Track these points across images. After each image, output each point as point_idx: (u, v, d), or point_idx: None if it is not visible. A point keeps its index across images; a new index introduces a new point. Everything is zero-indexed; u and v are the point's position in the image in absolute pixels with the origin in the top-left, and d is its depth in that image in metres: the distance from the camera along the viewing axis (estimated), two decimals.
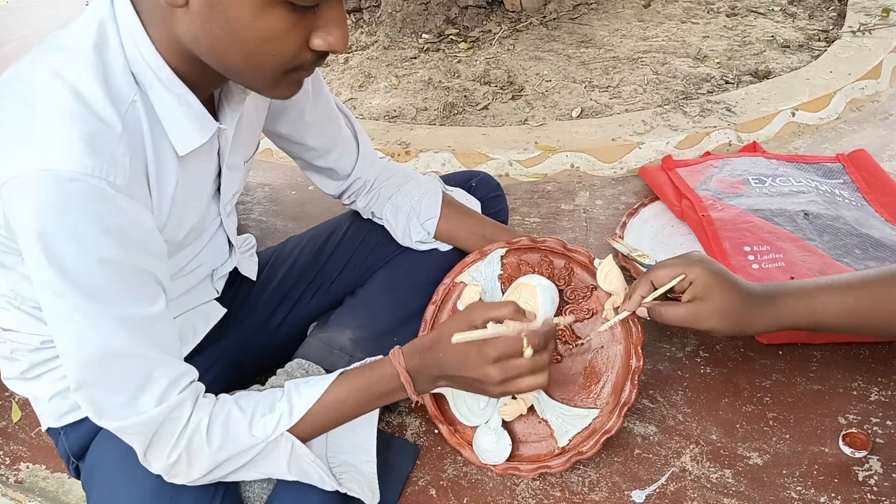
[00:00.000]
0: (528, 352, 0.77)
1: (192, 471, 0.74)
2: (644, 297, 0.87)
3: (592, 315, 0.97)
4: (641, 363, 0.92)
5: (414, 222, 1.05)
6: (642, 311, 0.87)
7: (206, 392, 0.76)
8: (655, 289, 0.86)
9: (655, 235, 1.39)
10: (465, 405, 0.96)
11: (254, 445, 0.75)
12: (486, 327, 0.79)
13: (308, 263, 1.08)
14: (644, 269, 1.28)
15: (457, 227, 1.06)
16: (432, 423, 1.01)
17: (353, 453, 0.86)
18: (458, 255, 1.08)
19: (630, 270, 1.29)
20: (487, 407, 0.95)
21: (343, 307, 1.06)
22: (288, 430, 0.76)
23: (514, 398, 0.94)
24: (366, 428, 0.87)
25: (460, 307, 1.00)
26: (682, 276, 0.83)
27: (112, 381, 0.67)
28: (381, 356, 0.86)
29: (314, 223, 1.18)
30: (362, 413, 0.83)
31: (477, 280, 1.02)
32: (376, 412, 0.88)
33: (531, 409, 0.95)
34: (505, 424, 0.95)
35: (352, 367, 0.83)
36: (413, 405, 1.06)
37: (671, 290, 0.86)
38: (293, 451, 0.77)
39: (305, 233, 1.14)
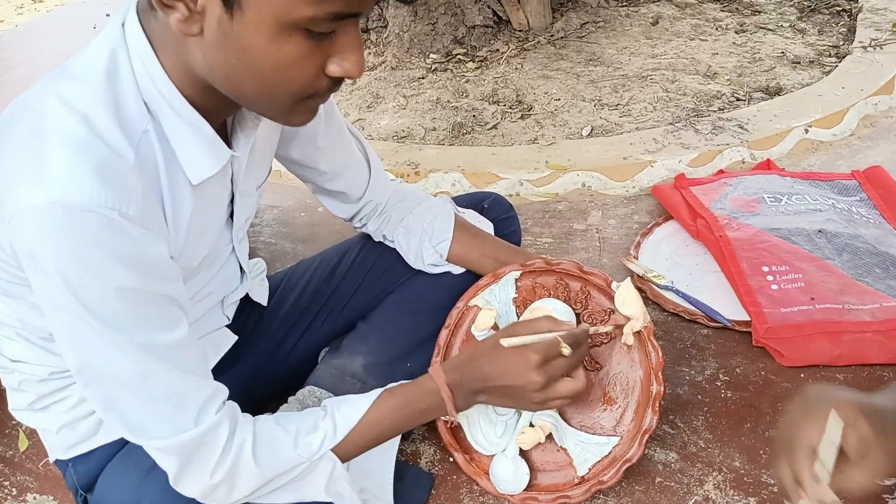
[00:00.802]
0: (567, 350, 0.81)
1: (234, 492, 0.73)
2: (820, 480, 0.59)
3: (610, 339, 0.95)
4: (662, 389, 0.90)
5: (426, 245, 1.04)
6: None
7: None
8: (820, 460, 0.60)
9: (671, 255, 1.38)
10: (481, 433, 0.95)
11: (298, 465, 0.74)
12: None
13: (319, 287, 1.07)
14: (660, 290, 1.27)
15: (470, 250, 1.05)
16: (447, 452, 0.99)
17: (371, 480, 0.85)
18: (471, 278, 1.07)
19: (646, 291, 1.28)
20: (504, 435, 0.94)
21: (355, 332, 1.05)
22: (332, 449, 0.76)
23: (531, 425, 0.93)
24: (385, 455, 0.86)
25: (475, 332, 0.98)
26: (840, 427, 0.59)
27: (145, 402, 0.67)
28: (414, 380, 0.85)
29: (324, 246, 1.18)
30: (401, 432, 0.83)
31: (491, 304, 1.01)
32: (396, 440, 0.87)
33: (549, 437, 0.93)
34: (522, 453, 0.93)
35: (391, 385, 0.83)
36: (425, 431, 1.04)
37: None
38: (333, 472, 0.76)
39: (316, 256, 1.14)
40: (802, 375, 1.08)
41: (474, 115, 2.03)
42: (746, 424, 1.01)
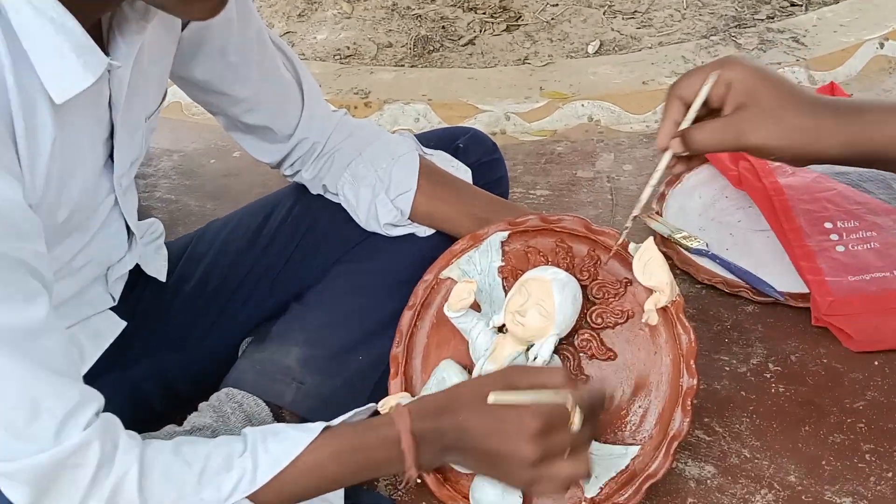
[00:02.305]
0: (577, 423, 0.79)
1: None
2: (678, 123, 0.85)
3: (627, 318, 0.95)
4: (695, 382, 0.91)
5: (382, 198, 1.04)
6: (676, 145, 0.85)
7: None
8: (687, 107, 0.85)
9: (705, 210, 1.37)
10: None
11: None
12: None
13: (237, 258, 1.07)
14: (691, 255, 1.28)
15: (440, 204, 1.05)
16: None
17: None
18: (442, 242, 1.06)
19: (673, 257, 1.27)
20: None
21: (287, 316, 1.05)
22: (248, 497, 0.75)
23: None
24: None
25: (449, 313, 0.98)
26: (716, 75, 0.82)
27: None
28: (371, 406, 0.86)
29: (243, 203, 1.16)
30: (344, 485, 0.83)
31: (470, 275, 1.01)
32: (340, 491, 0.87)
33: None
34: None
35: (339, 420, 0.83)
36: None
37: (706, 110, 0.86)
38: None
39: (231, 216, 1.13)
40: (877, 363, 1.08)
41: (444, 27, 2.01)
42: (804, 428, 1.01)
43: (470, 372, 0.99)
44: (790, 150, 0.82)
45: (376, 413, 0.90)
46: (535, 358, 0.93)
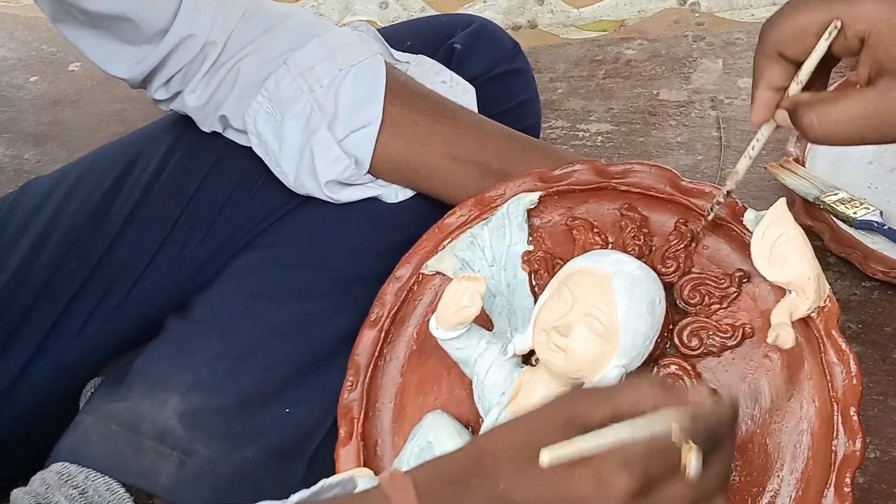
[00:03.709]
0: (695, 464, 0.74)
1: None
2: (780, 89, 0.85)
3: (742, 339, 0.93)
4: (860, 447, 0.87)
5: (322, 138, 1.05)
6: (782, 118, 0.85)
7: None
8: (795, 64, 0.84)
9: (878, 156, 1.40)
10: None
11: None
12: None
13: (74, 243, 1.08)
14: (852, 231, 1.26)
15: (422, 148, 1.06)
16: None
17: None
18: (426, 211, 1.07)
19: (822, 234, 1.28)
20: None
21: (161, 341, 1.05)
22: None
23: None
24: None
25: (438, 332, 0.95)
26: (838, 24, 0.81)
27: None
28: (347, 477, 0.84)
29: (84, 150, 1.20)
30: None
31: (474, 268, 0.99)
32: None
33: None
34: None
35: (295, 499, 0.80)
36: None
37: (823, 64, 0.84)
38: None
39: (65, 172, 1.15)
40: None
41: None
42: None
43: (474, 433, 0.97)
44: None
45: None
46: None
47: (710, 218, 0.93)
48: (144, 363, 1.02)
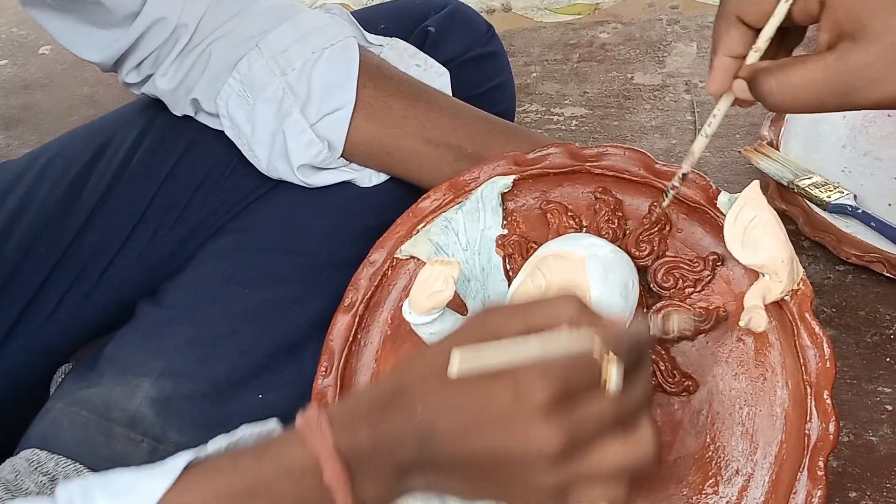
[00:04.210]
0: (615, 377, 0.74)
1: None
2: (739, 57, 0.84)
3: (716, 322, 0.93)
4: (833, 431, 0.88)
5: (295, 122, 1.05)
6: (739, 89, 0.85)
7: None
8: (754, 30, 0.83)
9: (852, 139, 1.39)
10: None
11: None
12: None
13: (44, 227, 1.07)
14: (826, 215, 1.26)
15: (396, 131, 1.06)
16: None
17: None
18: (400, 195, 1.07)
19: (796, 218, 1.28)
20: None
21: (132, 327, 1.05)
22: None
23: None
24: None
25: (412, 316, 0.95)
26: None
27: None
28: (269, 424, 0.83)
29: (55, 133, 1.18)
30: None
31: (448, 252, 1.00)
32: None
33: None
34: None
35: (212, 447, 0.79)
36: None
37: (784, 39, 0.84)
38: None
39: (35, 156, 1.14)
40: None
41: None
42: None
43: None
44: None
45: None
46: None
47: (667, 200, 0.93)
48: (115, 349, 1.02)
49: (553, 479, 0.73)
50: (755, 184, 0.91)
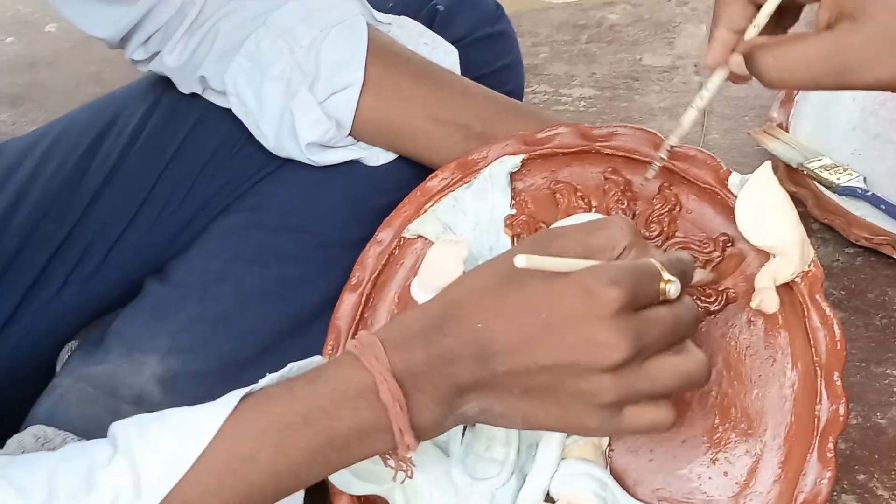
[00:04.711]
0: (673, 289, 0.77)
1: None
2: (738, 31, 0.85)
3: (725, 303, 0.93)
4: (843, 412, 0.88)
5: (303, 100, 1.04)
6: (737, 63, 0.84)
7: None
8: (755, 5, 0.84)
9: (863, 121, 1.39)
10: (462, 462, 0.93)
11: None
12: None
13: (51, 204, 1.07)
14: (837, 198, 1.26)
15: (404, 110, 1.06)
16: None
17: None
18: (408, 174, 1.07)
19: (805, 202, 1.28)
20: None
21: (138, 304, 1.05)
22: None
23: (550, 500, 0.92)
24: None
25: (420, 295, 0.97)
26: None
27: None
28: (316, 359, 0.83)
29: (62, 111, 1.17)
30: (297, 485, 0.80)
31: (457, 231, 1.00)
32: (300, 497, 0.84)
33: None
34: None
35: (264, 382, 0.81)
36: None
37: (780, 18, 0.85)
38: None
39: (41, 134, 1.13)
40: None
41: None
42: None
43: None
44: None
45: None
46: None
47: (653, 172, 0.92)
48: (122, 326, 1.02)
49: (613, 390, 0.74)
50: (767, 164, 0.91)
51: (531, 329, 0.74)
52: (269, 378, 0.80)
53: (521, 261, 0.72)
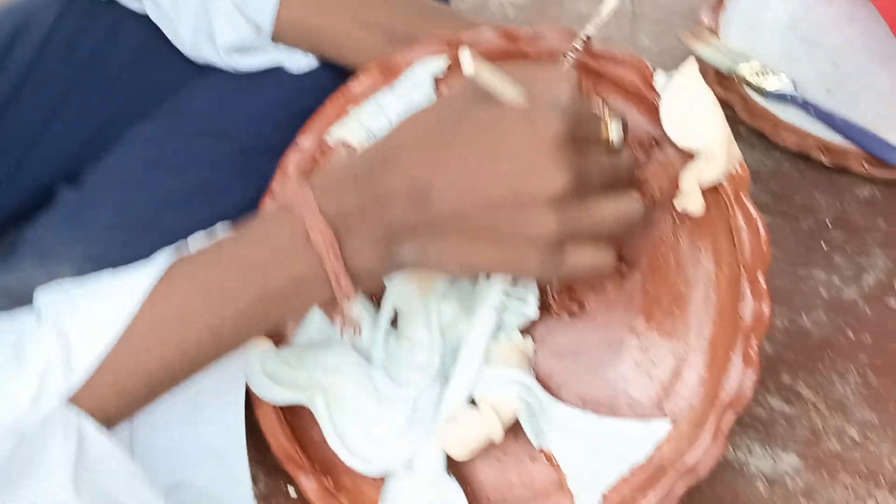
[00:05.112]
0: (616, 134, 0.79)
1: None
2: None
3: (652, 203, 0.93)
4: (767, 312, 0.88)
5: (221, 2, 1.04)
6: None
7: None
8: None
9: (792, 26, 1.38)
10: (357, 424, 0.93)
11: None
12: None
13: None
14: (765, 102, 1.27)
15: (327, 10, 1.05)
16: (281, 475, 0.98)
17: (196, 466, 0.86)
18: (330, 79, 1.06)
19: (733, 107, 1.27)
20: (411, 427, 0.92)
21: (53, 209, 1.04)
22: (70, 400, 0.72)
23: (473, 404, 0.91)
24: (229, 408, 0.86)
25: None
26: None
27: None
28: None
29: None
30: (233, 344, 0.80)
31: (378, 135, 0.96)
32: (241, 384, 0.87)
33: (514, 428, 0.92)
34: (454, 465, 0.92)
35: (190, 244, 0.81)
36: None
37: None
38: (83, 444, 0.72)
39: None
40: None
41: None
42: None
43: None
44: None
45: None
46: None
47: (567, 64, 0.93)
48: (35, 234, 1.01)
49: (554, 225, 0.74)
50: (691, 60, 0.91)
51: (471, 165, 0.74)
52: (198, 238, 0.81)
53: (468, 67, 0.73)
